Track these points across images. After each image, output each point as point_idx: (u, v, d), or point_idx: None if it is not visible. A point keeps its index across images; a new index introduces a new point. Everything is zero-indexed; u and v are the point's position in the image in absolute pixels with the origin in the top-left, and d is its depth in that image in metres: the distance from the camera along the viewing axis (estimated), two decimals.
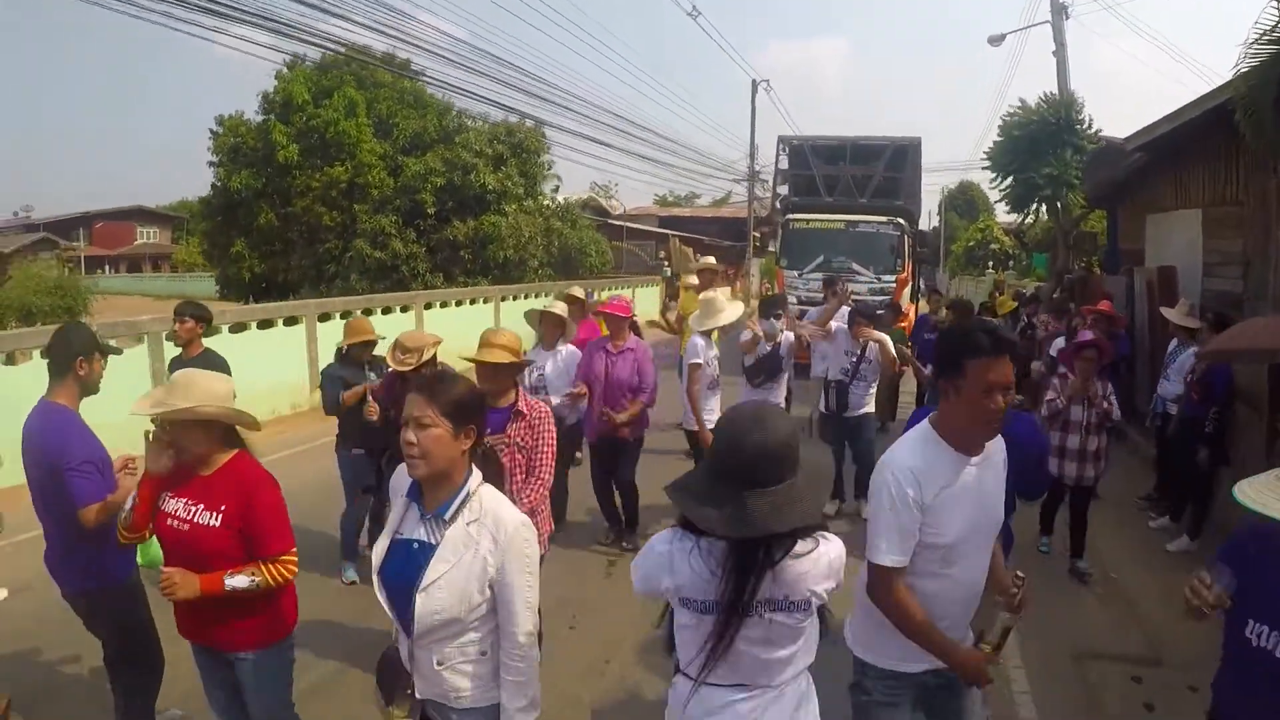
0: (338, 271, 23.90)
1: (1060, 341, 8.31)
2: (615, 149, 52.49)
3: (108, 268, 60.80)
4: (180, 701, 3.99)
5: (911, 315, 13.52)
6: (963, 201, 50.73)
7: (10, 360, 8.45)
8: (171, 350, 9.45)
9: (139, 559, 3.81)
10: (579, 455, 7.45)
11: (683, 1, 56.02)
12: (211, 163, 25.76)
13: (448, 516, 2.32)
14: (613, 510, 6.48)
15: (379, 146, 24.54)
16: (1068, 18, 16.06)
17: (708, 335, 6.58)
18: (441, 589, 2.28)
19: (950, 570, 2.53)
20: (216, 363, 5.83)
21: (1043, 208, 13.42)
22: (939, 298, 20.01)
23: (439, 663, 2.36)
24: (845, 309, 7.20)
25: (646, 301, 23.14)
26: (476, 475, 2.40)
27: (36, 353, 8.24)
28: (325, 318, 12.97)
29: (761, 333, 6.84)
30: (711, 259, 9.75)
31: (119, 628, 3.60)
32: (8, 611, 5.33)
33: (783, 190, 17.06)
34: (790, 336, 6.90)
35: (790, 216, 15.34)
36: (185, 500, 2.85)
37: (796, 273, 14.26)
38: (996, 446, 2.62)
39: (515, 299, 18.17)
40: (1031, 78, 42.22)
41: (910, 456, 2.51)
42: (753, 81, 32.00)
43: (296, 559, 2.95)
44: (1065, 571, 6.14)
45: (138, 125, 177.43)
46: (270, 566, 2.84)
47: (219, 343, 9.26)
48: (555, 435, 4.11)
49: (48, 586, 3.65)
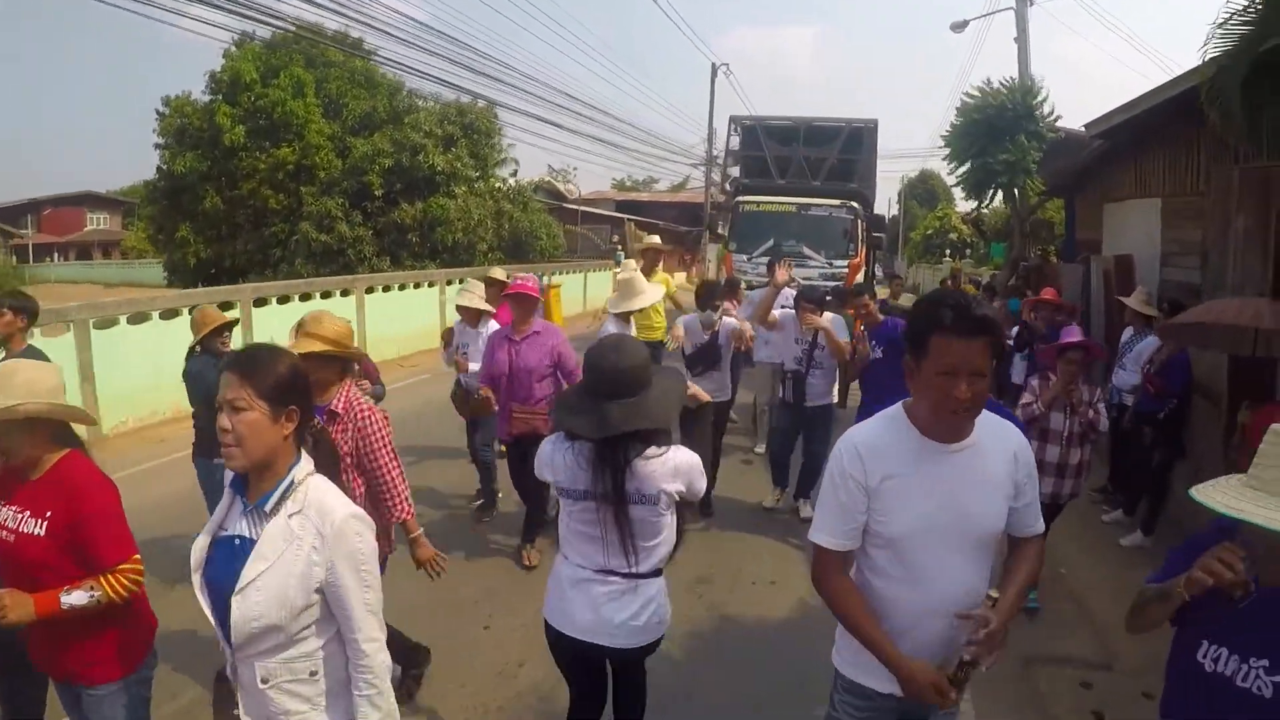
0: (284, 256, 23.28)
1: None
2: (571, 131, 52.19)
3: (57, 255, 59.13)
4: None
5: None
6: (923, 190, 51.04)
7: None
8: (97, 337, 9.18)
9: None
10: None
11: None
12: (157, 145, 24.95)
13: (268, 509, 2.04)
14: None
15: (327, 127, 24.00)
16: (1031, 4, 15.90)
17: (625, 318, 6.19)
18: (259, 591, 1.98)
19: (904, 571, 2.23)
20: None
21: (999, 195, 13.23)
22: (899, 283, 19.94)
23: (264, 680, 2.06)
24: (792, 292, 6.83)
25: (598, 285, 22.89)
26: (305, 463, 2.12)
27: None
28: (262, 303, 12.49)
29: (682, 334, 6.53)
30: (656, 238, 9.33)
31: None
32: None
33: (735, 172, 16.66)
34: (730, 323, 6.50)
35: (740, 199, 14.96)
36: (14, 508, 2.53)
37: (746, 257, 13.89)
38: (997, 434, 2.27)
39: (462, 282, 17.48)
40: (994, 66, 42.52)
41: (864, 433, 2.30)
42: (712, 65, 32.52)
43: (141, 569, 2.60)
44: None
45: (90, 107, 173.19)
46: (110, 579, 2.49)
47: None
48: (387, 434, 3.49)
49: None
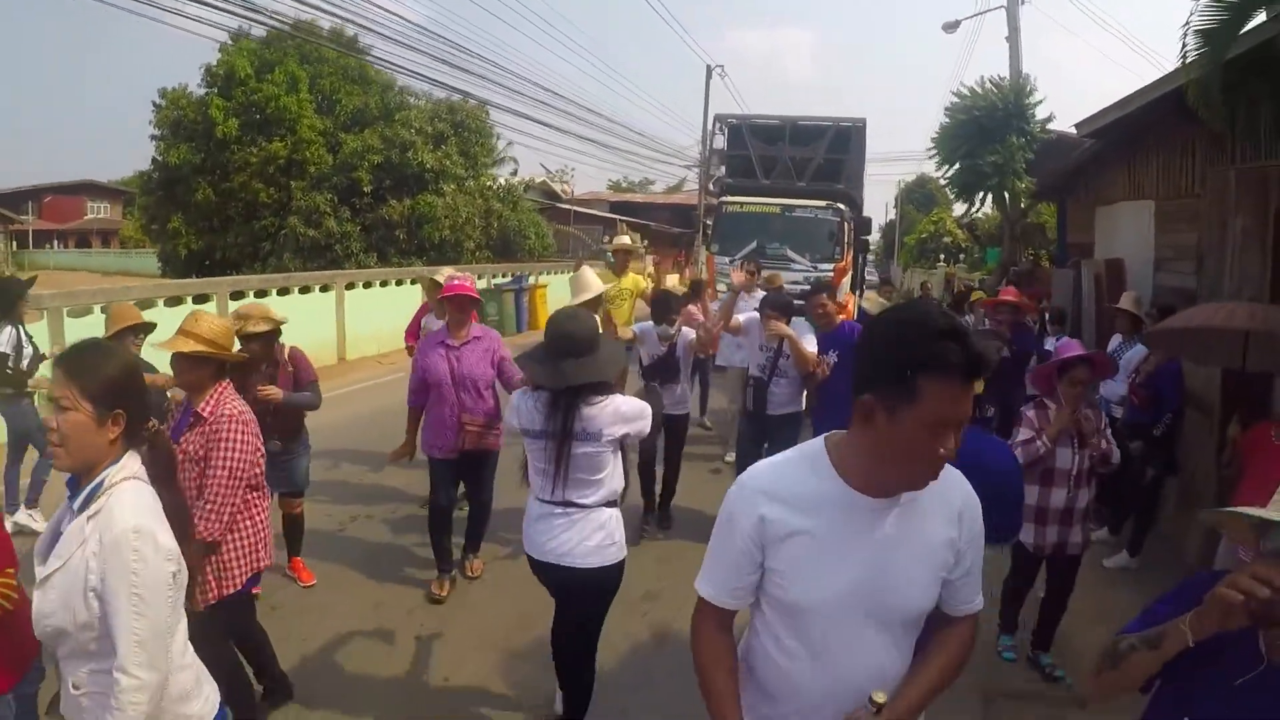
0: (273, 250, 23.19)
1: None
2: (564, 132, 52.13)
3: (56, 242, 59.28)
4: None
5: (851, 307, 12.82)
6: (920, 194, 50.61)
7: None
8: (70, 325, 9.14)
9: None
10: None
11: None
12: (153, 136, 25.02)
13: (76, 507, 1.99)
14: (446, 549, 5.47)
15: (320, 122, 23.93)
16: (1023, 2, 15.55)
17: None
18: (52, 589, 1.94)
19: (804, 647, 1.78)
20: None
21: (989, 197, 12.91)
22: (890, 289, 19.61)
23: (75, 686, 1.98)
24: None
25: None
26: (124, 466, 2.02)
27: None
28: (239, 296, 12.29)
29: (635, 334, 6.29)
30: (625, 238, 9.06)
31: None
32: None
33: (720, 172, 16.10)
34: (689, 335, 6.17)
35: (724, 199, 14.58)
36: None
37: (729, 259, 13.28)
38: (940, 487, 1.75)
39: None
40: (988, 67, 42.29)
41: (768, 475, 1.81)
42: (707, 67, 31.93)
43: (14, 583, 2.52)
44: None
45: (95, 96, 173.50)
46: None
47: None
48: (240, 449, 3.21)
49: None
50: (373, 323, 14.56)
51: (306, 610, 5.02)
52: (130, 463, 2.03)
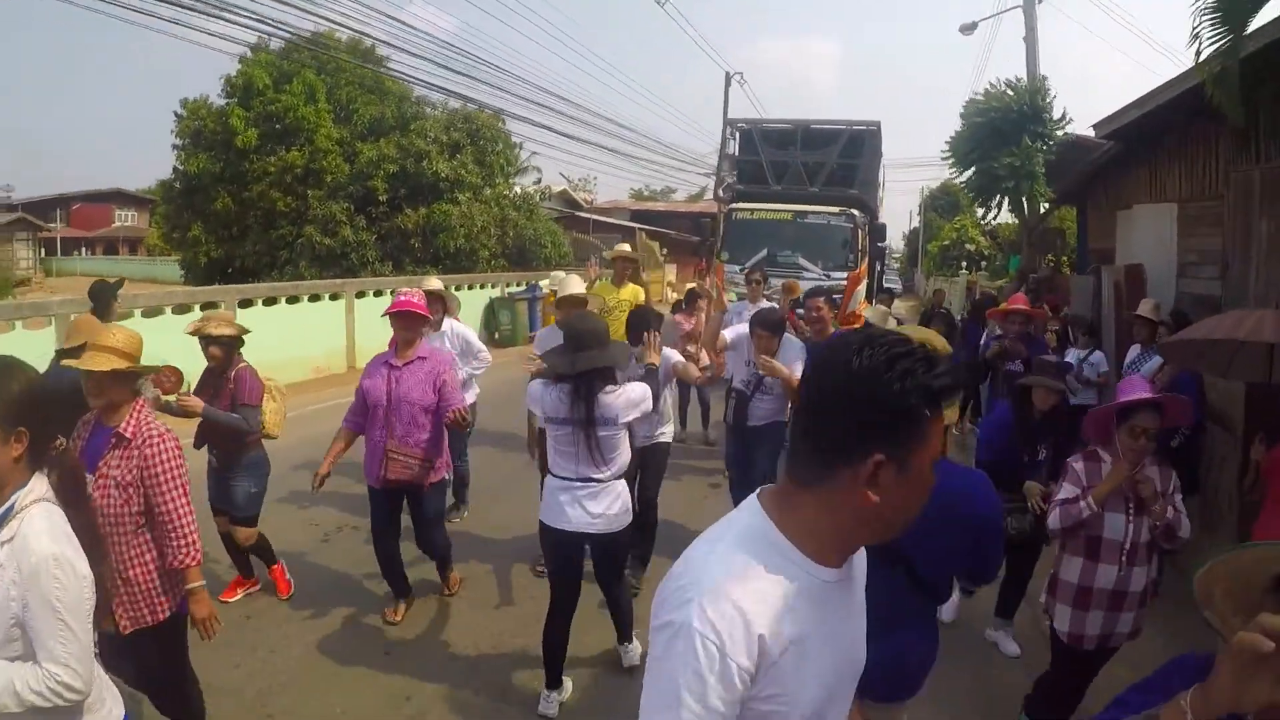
0: (290, 258, 23.27)
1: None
2: (586, 143, 52.12)
3: (84, 249, 60.14)
4: None
5: (865, 317, 12.48)
6: (944, 201, 50.00)
7: None
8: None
9: None
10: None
11: None
12: (175, 145, 25.25)
13: None
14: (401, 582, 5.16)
15: (336, 132, 23.99)
16: (1040, 2, 15.28)
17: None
18: None
19: None
20: None
21: (1006, 201, 12.54)
22: (890, 298, 19.09)
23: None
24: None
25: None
26: (33, 488, 1.97)
27: None
28: (247, 304, 12.27)
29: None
30: (625, 247, 8.84)
31: None
32: None
33: (732, 178, 15.91)
34: (673, 358, 5.55)
35: (734, 206, 14.28)
36: None
37: (738, 267, 12.90)
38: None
39: (460, 289, 17.19)
40: (1007, 68, 41.59)
41: (745, 585, 1.28)
42: (726, 74, 31.25)
43: None
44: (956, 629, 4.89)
45: (125, 105, 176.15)
46: None
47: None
48: (182, 466, 3.00)
49: None
50: (383, 331, 14.35)
51: (280, 621, 4.94)
52: (38, 485, 1.99)
